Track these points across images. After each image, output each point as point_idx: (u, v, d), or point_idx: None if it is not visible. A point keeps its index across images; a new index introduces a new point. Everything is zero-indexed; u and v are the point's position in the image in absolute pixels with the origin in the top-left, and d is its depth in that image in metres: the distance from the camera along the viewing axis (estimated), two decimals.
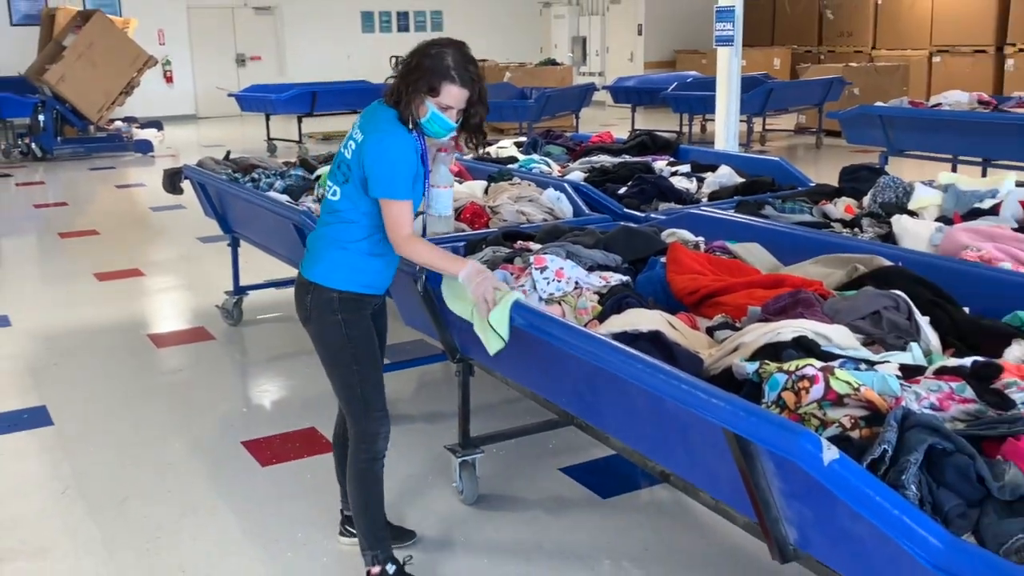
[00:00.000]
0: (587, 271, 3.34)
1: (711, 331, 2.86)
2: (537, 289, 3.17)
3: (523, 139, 7.04)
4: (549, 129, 9.68)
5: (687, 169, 5.67)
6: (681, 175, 5.54)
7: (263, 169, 5.82)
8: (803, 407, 2.17)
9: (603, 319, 2.94)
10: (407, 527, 3.50)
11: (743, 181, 5.34)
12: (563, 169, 5.90)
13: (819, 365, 2.27)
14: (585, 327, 2.82)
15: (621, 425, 2.85)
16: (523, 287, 3.19)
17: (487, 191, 5.07)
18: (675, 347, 2.61)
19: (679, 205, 4.89)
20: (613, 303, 3.03)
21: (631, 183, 5.26)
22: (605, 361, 2.51)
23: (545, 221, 4.52)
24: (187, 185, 6.20)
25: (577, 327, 2.76)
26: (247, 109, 15.16)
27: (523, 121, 13.66)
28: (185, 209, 9.40)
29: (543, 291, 3.16)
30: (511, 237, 3.96)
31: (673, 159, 6.04)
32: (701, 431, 2.28)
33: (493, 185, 5.12)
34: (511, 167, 5.74)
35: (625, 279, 3.32)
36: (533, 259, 3.31)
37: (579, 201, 4.77)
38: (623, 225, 4.00)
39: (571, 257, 3.42)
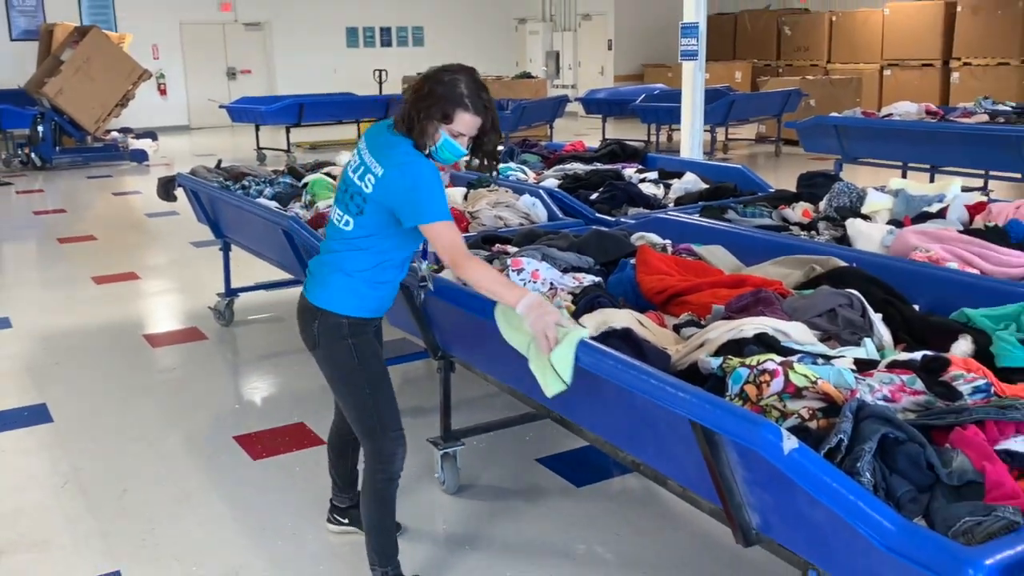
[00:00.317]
0: (561, 272, 3.34)
1: (678, 328, 2.87)
2: None
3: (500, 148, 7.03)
4: (525, 138, 9.70)
5: (655, 176, 5.69)
6: (649, 182, 5.55)
7: (253, 177, 5.79)
8: (764, 399, 2.18)
9: (577, 318, 2.94)
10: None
11: (707, 187, 5.36)
12: (538, 176, 5.90)
13: (779, 360, 2.27)
14: None
15: (594, 418, 2.85)
16: None
17: (466, 197, 5.06)
18: (644, 344, 2.61)
19: (647, 210, 4.90)
20: (586, 303, 3.03)
21: (602, 189, 5.26)
22: (579, 358, 2.51)
23: (521, 225, 4.52)
24: (180, 192, 6.14)
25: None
26: (237, 120, 15.06)
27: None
28: (179, 215, 9.32)
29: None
30: (489, 241, 3.96)
31: (641, 167, 6.05)
32: (669, 423, 2.28)
33: (472, 192, 5.11)
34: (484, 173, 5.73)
35: (597, 280, 3.33)
36: (510, 261, 3.31)
37: (553, 206, 4.77)
38: (595, 229, 4.00)
39: (546, 259, 3.42)
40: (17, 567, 3.31)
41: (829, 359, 2.40)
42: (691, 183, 5.45)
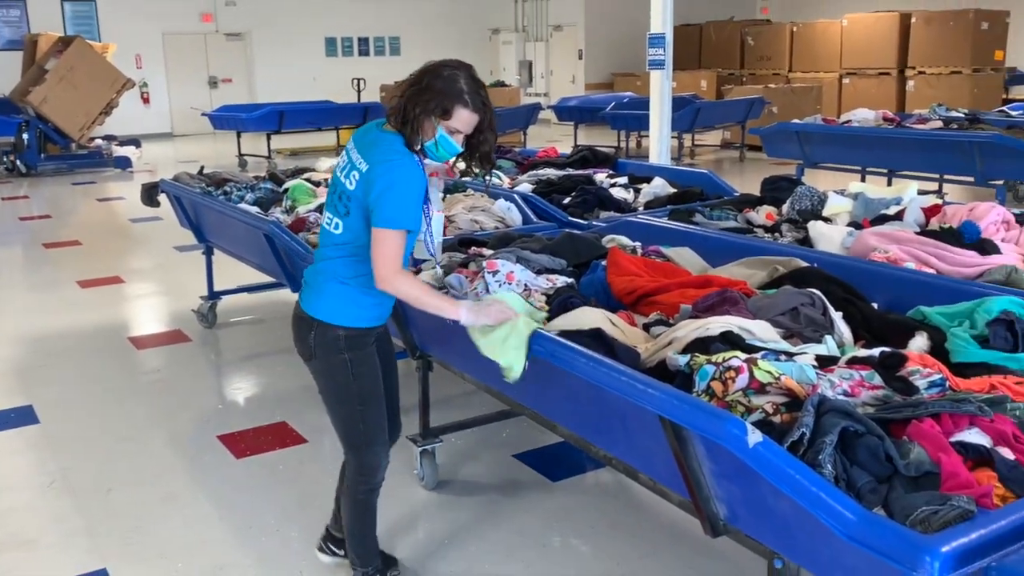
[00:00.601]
0: (535, 274, 3.34)
1: (647, 327, 2.87)
2: (489, 291, 3.16)
3: None
4: (499, 145, 9.67)
5: (625, 181, 5.70)
6: (619, 186, 5.56)
7: (234, 183, 5.74)
8: (730, 395, 2.19)
9: (551, 318, 2.94)
10: (394, 554, 3.18)
11: (675, 191, 5.37)
12: (512, 181, 5.90)
13: (744, 357, 2.28)
14: None
15: (568, 414, 2.85)
16: (476, 289, 3.18)
17: (443, 201, 5.04)
18: (615, 343, 2.62)
19: (618, 213, 4.91)
20: (559, 303, 3.03)
21: (574, 194, 5.27)
22: (553, 356, 2.51)
23: (496, 229, 4.52)
24: (164, 198, 6.10)
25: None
26: (219, 127, 14.94)
27: None
28: (162, 220, 9.23)
29: (495, 293, 3.15)
30: (466, 244, 3.95)
31: (612, 172, 6.06)
32: (639, 418, 2.29)
33: (448, 196, 5.10)
34: (465, 180, 5.72)
35: (570, 281, 3.33)
36: (486, 264, 3.30)
37: (527, 210, 4.78)
38: (567, 232, 4.01)
39: (521, 261, 3.41)
40: (4, 566, 3.26)
41: (792, 356, 2.41)
42: (660, 187, 5.47)
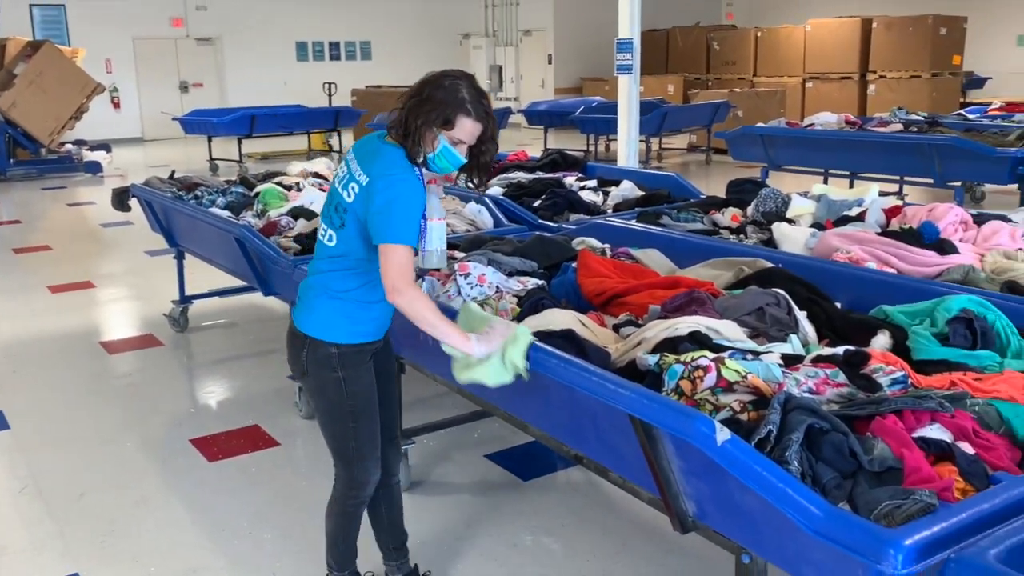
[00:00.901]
0: (506, 276, 3.34)
1: (617, 328, 2.88)
2: (461, 293, 3.16)
3: None
4: None
5: (594, 184, 5.72)
6: (589, 189, 5.58)
7: (205, 187, 5.69)
8: (698, 394, 2.19)
9: (522, 319, 2.94)
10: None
11: (643, 194, 5.40)
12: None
13: (711, 356, 2.29)
14: None
15: (539, 414, 2.85)
16: (448, 292, 3.17)
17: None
18: (585, 343, 2.62)
19: (587, 216, 4.92)
20: (530, 305, 3.03)
21: (544, 197, 5.28)
22: (525, 357, 2.51)
23: (468, 232, 4.51)
24: (135, 203, 6.03)
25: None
26: (190, 132, 14.79)
27: None
28: (133, 225, 9.13)
29: (467, 295, 3.14)
30: None
31: (581, 175, 6.08)
32: (610, 417, 2.29)
33: None
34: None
35: (541, 283, 3.33)
36: (458, 266, 3.30)
37: (498, 213, 4.77)
38: (538, 234, 4.01)
39: (492, 264, 3.41)
40: None
41: (758, 355, 2.43)
42: (628, 190, 5.49)
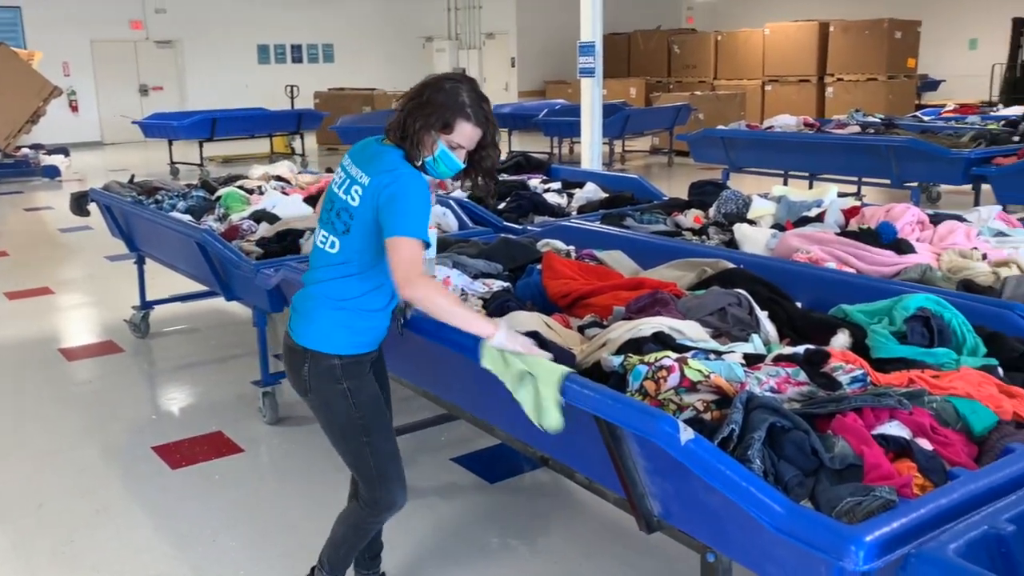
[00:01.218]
0: (472, 279, 3.33)
1: (582, 329, 2.89)
2: None
3: None
4: None
5: (558, 186, 5.73)
6: (553, 191, 5.59)
7: (166, 191, 5.62)
8: (662, 394, 2.20)
9: None
10: None
11: (607, 196, 5.42)
12: (448, 187, 5.88)
13: (675, 356, 2.30)
14: None
15: (505, 416, 2.85)
16: None
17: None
18: (551, 345, 2.62)
19: (552, 218, 4.93)
20: (496, 307, 3.03)
21: (509, 199, 5.28)
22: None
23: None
24: (94, 207, 5.93)
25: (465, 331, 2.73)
26: (150, 135, 14.60)
27: None
28: (92, 230, 8.98)
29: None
30: None
31: (546, 177, 6.09)
32: (575, 418, 2.29)
33: None
34: None
35: (506, 285, 3.33)
36: None
37: (463, 216, 4.76)
38: (503, 237, 4.01)
39: (457, 266, 3.40)
40: None
41: (720, 354, 2.44)
42: (592, 192, 5.52)
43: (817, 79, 16.19)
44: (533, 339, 2.53)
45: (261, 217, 4.87)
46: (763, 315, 2.81)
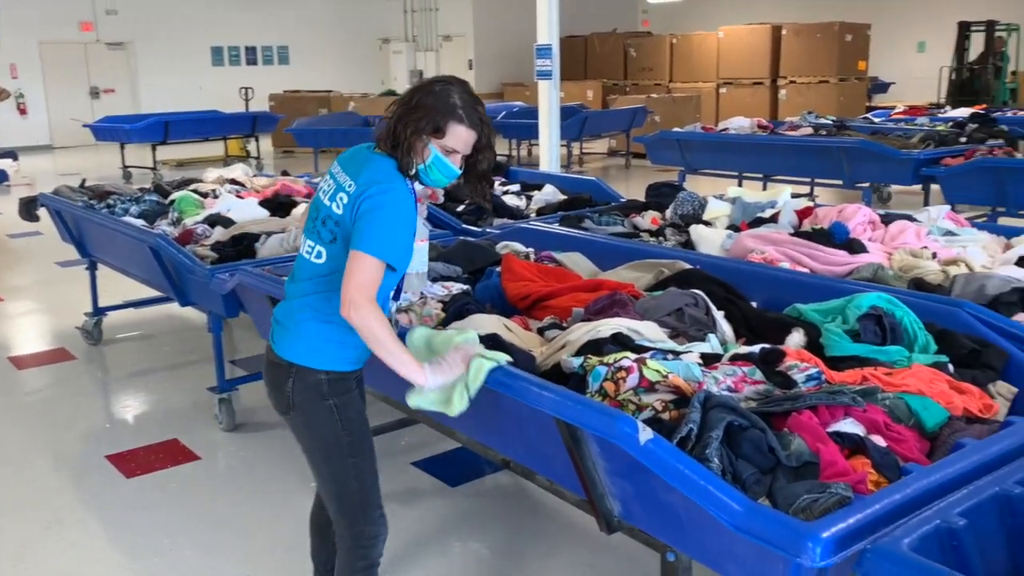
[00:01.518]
0: (431, 282, 3.32)
1: (542, 331, 2.89)
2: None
3: None
4: None
5: (517, 188, 5.74)
6: (512, 193, 5.60)
7: (118, 195, 5.52)
8: (621, 394, 2.21)
9: (447, 325, 2.93)
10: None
11: (565, 198, 5.44)
12: None
13: (633, 357, 2.31)
14: None
15: (465, 419, 2.83)
16: None
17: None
18: (511, 347, 2.62)
19: (511, 220, 4.94)
20: (455, 310, 3.02)
21: (468, 202, 5.27)
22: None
23: None
24: (44, 212, 5.82)
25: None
26: (102, 139, 14.34)
27: None
28: (42, 235, 8.80)
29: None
30: None
31: (505, 179, 6.10)
32: (535, 420, 2.29)
33: None
34: None
35: (465, 288, 3.32)
36: None
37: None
38: (462, 239, 4.00)
39: None
40: None
41: (678, 355, 2.46)
42: (550, 194, 5.53)
43: (770, 81, 16.39)
44: (491, 342, 2.49)
45: (216, 221, 4.80)
46: (719, 315, 2.83)
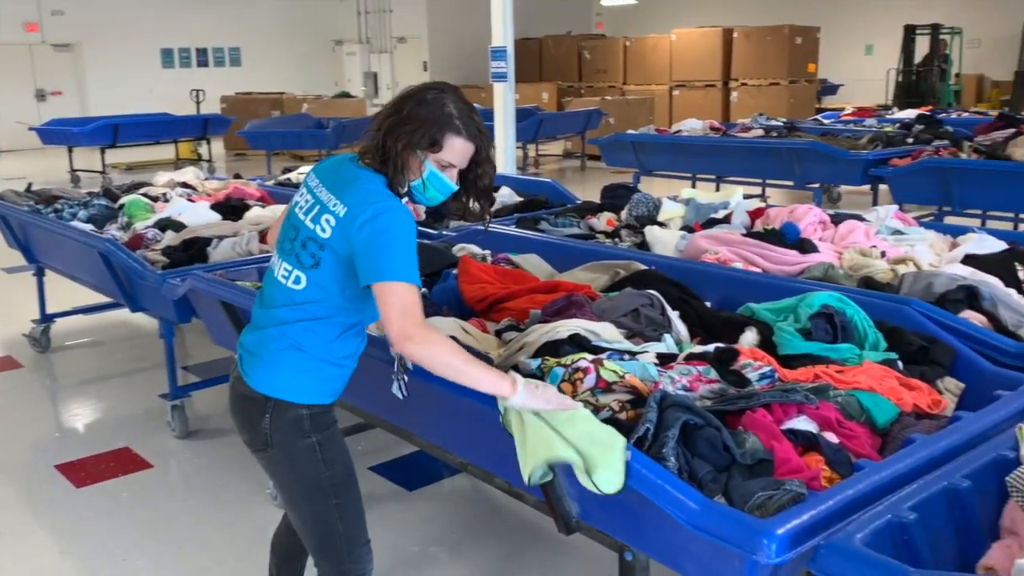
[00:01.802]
0: None
1: (499, 333, 2.89)
2: None
3: None
4: None
5: None
6: None
7: (66, 200, 5.40)
8: (579, 395, 2.21)
9: None
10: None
11: (521, 200, 5.44)
12: None
13: (591, 358, 2.32)
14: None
15: (423, 423, 2.83)
16: None
17: None
18: (468, 350, 2.62)
19: (467, 222, 4.92)
20: None
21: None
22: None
23: None
24: None
25: (376, 336, 2.70)
26: (48, 142, 14.03)
27: (321, 148, 13.38)
28: None
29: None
30: None
31: None
32: (493, 423, 2.29)
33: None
34: None
35: (422, 291, 3.30)
36: None
37: None
38: (419, 242, 3.98)
39: None
40: None
41: (634, 355, 2.47)
42: (507, 196, 5.53)
43: (722, 84, 16.57)
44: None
45: (166, 225, 4.73)
46: (674, 315, 2.86)
